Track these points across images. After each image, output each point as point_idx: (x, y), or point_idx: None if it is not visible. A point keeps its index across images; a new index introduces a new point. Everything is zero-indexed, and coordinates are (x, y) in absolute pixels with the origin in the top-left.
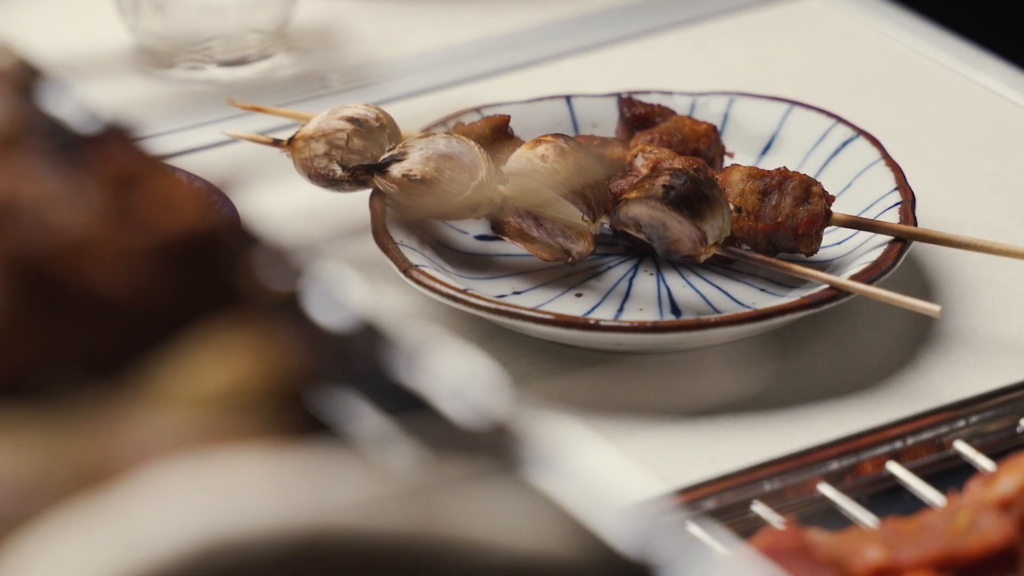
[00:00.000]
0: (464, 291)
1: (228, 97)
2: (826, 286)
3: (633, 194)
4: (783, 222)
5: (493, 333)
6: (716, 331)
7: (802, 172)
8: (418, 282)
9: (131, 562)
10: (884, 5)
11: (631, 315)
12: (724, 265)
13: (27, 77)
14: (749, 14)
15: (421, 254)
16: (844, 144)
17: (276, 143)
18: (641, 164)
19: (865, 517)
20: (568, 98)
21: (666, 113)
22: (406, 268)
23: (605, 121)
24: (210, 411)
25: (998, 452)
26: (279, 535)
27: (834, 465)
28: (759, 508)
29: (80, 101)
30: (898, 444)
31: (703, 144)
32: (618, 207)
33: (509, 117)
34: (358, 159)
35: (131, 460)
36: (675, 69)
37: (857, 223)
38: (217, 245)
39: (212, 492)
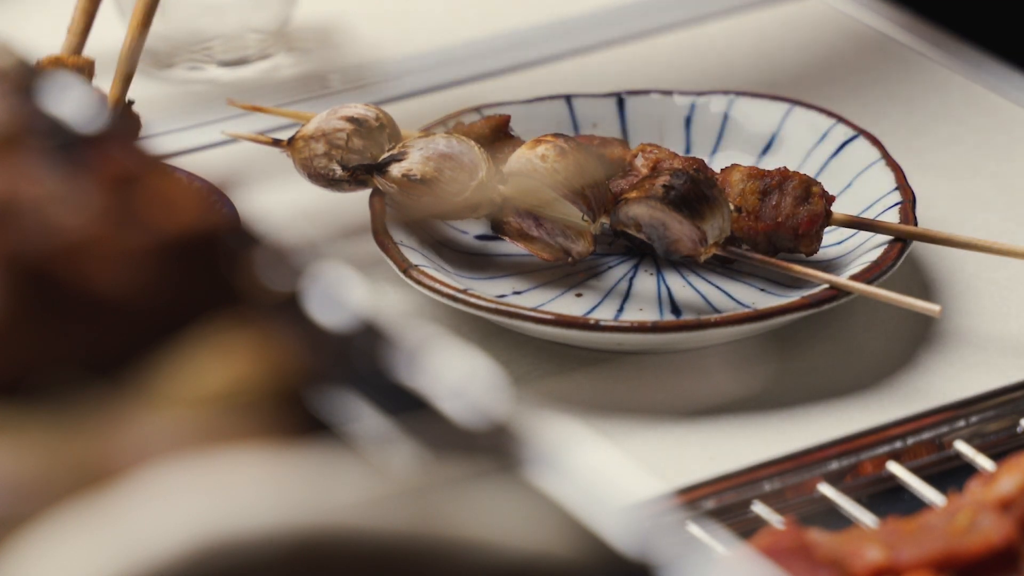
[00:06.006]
0: (464, 291)
1: (228, 97)
2: (826, 286)
3: (633, 194)
4: (783, 222)
5: (493, 333)
6: (716, 331)
7: (802, 172)
8: (418, 282)
9: (131, 562)
10: (884, 5)
11: (631, 315)
12: (724, 265)
13: (27, 77)
14: (749, 14)
15: (421, 254)
16: (844, 144)
17: (276, 143)
18: (641, 164)
19: (865, 517)
20: (568, 98)
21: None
22: (406, 268)
23: (605, 121)
24: (210, 411)
25: (998, 452)
26: (279, 535)
27: (834, 465)
28: (759, 508)
29: (80, 101)
30: (898, 444)
31: None
32: (618, 207)
33: (509, 117)
34: (358, 159)
35: (131, 460)
36: (675, 69)
37: (857, 223)
38: (217, 245)
39: (212, 492)
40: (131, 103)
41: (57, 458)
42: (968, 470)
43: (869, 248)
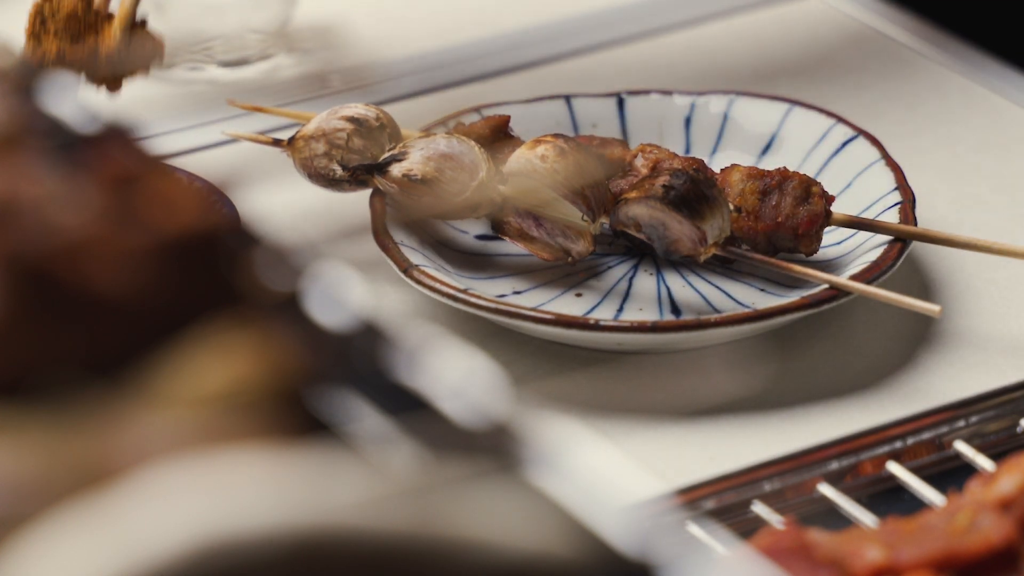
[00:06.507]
0: (464, 291)
1: (228, 97)
2: (826, 286)
3: (633, 194)
4: (783, 222)
5: (493, 333)
6: (716, 331)
7: (802, 172)
8: (418, 282)
9: (131, 562)
10: (884, 5)
11: (631, 315)
12: (724, 265)
13: (27, 77)
14: (749, 14)
15: (421, 254)
16: (844, 144)
17: (276, 143)
18: (641, 164)
19: (865, 517)
20: (568, 98)
21: None
22: (406, 268)
23: (605, 121)
24: (210, 411)
25: (998, 452)
26: (279, 535)
27: (834, 465)
28: (759, 508)
29: (80, 101)
30: (898, 444)
31: None
32: (618, 207)
33: (509, 117)
34: (358, 159)
35: (131, 460)
36: (675, 69)
37: (857, 223)
38: (217, 245)
39: (212, 492)
40: (144, 22)
41: (57, 458)
42: (968, 470)
43: (869, 248)
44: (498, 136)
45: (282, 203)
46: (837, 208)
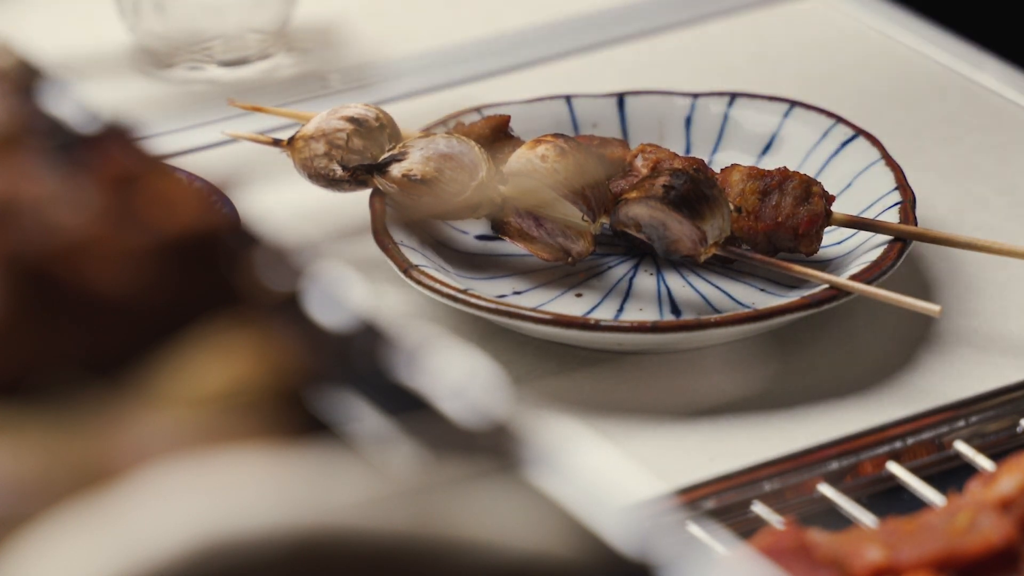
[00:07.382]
0: (464, 291)
1: (228, 97)
2: (826, 286)
3: (633, 194)
4: (783, 222)
5: (493, 333)
6: (716, 331)
7: (802, 172)
8: (418, 282)
9: (131, 562)
10: (884, 5)
11: (631, 315)
12: (724, 265)
13: (27, 77)
14: (749, 14)
15: (421, 254)
16: (844, 144)
17: (276, 143)
18: (641, 164)
19: (865, 517)
20: (568, 98)
21: None
22: (406, 268)
23: (605, 121)
24: (210, 411)
25: (998, 452)
26: (279, 535)
27: (834, 465)
28: (759, 508)
29: (80, 101)
30: (898, 444)
31: None
32: (618, 207)
33: (509, 117)
34: (358, 159)
35: (131, 460)
36: (675, 69)
37: (857, 223)
38: (217, 245)
39: (212, 492)
40: None
41: (57, 458)
42: (968, 470)
43: (869, 248)
44: (498, 136)
45: (282, 203)
46: (837, 208)
